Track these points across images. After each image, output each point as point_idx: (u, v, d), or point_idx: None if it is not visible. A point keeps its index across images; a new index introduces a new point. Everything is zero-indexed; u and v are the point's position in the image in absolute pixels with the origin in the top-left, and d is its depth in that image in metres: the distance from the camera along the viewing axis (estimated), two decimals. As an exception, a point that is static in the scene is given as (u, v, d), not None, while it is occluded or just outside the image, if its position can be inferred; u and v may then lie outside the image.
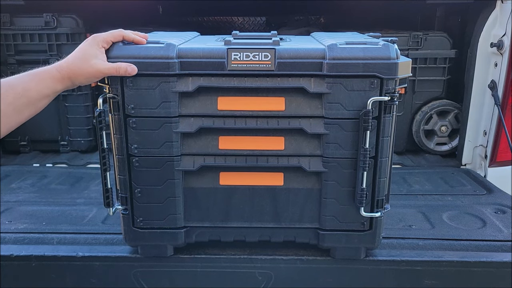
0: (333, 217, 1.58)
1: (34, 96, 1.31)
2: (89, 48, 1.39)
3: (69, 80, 1.36)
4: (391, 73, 1.43)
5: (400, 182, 2.38)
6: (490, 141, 2.47)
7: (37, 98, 1.31)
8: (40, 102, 1.33)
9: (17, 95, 1.27)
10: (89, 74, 1.37)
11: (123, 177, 1.55)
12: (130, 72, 1.41)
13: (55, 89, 1.35)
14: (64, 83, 1.36)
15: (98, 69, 1.38)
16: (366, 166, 1.48)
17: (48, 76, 1.34)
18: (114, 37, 1.43)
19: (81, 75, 1.36)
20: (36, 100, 1.31)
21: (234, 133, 1.52)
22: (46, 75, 1.34)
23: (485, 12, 2.44)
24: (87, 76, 1.37)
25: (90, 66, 1.36)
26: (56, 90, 1.35)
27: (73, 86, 1.39)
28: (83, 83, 1.40)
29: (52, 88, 1.34)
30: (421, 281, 1.66)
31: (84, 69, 1.36)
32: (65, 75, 1.35)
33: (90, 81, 1.40)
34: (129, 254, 1.67)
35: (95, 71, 1.37)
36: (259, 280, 1.68)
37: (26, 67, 2.66)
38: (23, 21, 2.62)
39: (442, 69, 2.70)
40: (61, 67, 1.35)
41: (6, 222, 1.89)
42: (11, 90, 1.27)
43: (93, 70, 1.37)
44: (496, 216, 1.96)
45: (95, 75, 1.38)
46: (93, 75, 1.38)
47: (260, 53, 1.43)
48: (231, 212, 1.61)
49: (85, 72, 1.36)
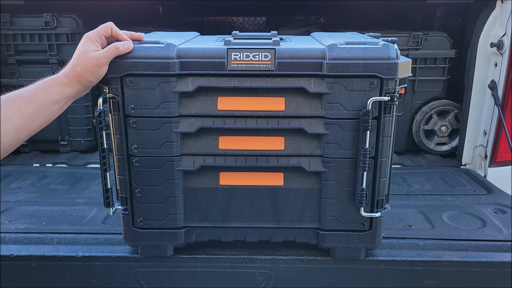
0: (333, 217, 1.58)
1: (43, 101, 1.31)
2: (85, 44, 1.40)
3: (77, 82, 1.36)
4: (391, 73, 1.43)
5: (400, 182, 2.38)
6: (490, 141, 2.47)
7: (47, 104, 1.31)
8: (51, 107, 1.33)
9: (25, 102, 1.28)
10: (93, 66, 1.37)
11: (123, 177, 1.55)
12: (128, 48, 1.42)
13: (64, 94, 1.35)
14: (73, 86, 1.36)
15: (98, 56, 1.38)
16: (366, 166, 1.48)
17: (55, 82, 1.34)
18: (105, 29, 1.44)
19: (86, 71, 1.37)
20: (46, 106, 1.31)
21: (234, 133, 1.52)
22: (53, 81, 1.35)
23: (485, 12, 2.44)
24: (91, 69, 1.37)
25: (90, 58, 1.37)
26: (66, 95, 1.35)
27: (84, 88, 1.39)
28: (91, 79, 1.39)
29: (60, 93, 1.34)
30: (421, 281, 1.65)
31: (86, 64, 1.37)
32: (72, 77, 1.36)
33: (96, 75, 1.39)
34: (129, 254, 1.67)
35: (96, 60, 1.38)
36: (259, 280, 1.68)
37: (26, 67, 2.70)
38: (23, 21, 2.62)
39: (442, 69, 2.70)
40: (65, 71, 1.37)
41: (6, 222, 1.89)
42: (18, 98, 1.28)
43: (95, 60, 1.37)
44: (496, 216, 1.96)
45: (97, 64, 1.38)
46: (96, 64, 1.38)
47: (260, 53, 1.42)
48: (231, 212, 1.61)
49: (88, 65, 1.37)
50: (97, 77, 1.40)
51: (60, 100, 1.35)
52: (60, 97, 1.34)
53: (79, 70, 1.36)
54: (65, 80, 1.35)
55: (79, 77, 1.36)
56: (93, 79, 1.40)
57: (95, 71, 1.39)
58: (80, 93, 1.40)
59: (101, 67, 1.39)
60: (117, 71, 1.43)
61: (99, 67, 1.39)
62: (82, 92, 1.40)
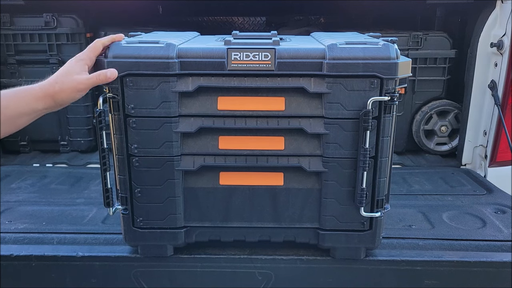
0: (333, 217, 1.58)
1: (11, 114, 1.31)
2: (72, 64, 1.40)
3: (51, 99, 1.35)
4: (391, 73, 1.43)
5: (400, 182, 2.38)
6: (490, 141, 2.47)
7: (14, 115, 1.31)
8: (18, 120, 1.33)
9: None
10: (71, 89, 1.36)
11: (123, 177, 1.55)
12: (110, 77, 1.41)
13: (34, 108, 1.34)
14: (45, 101, 1.35)
15: (80, 81, 1.37)
16: (366, 166, 1.48)
17: (29, 94, 1.34)
18: (94, 51, 1.44)
19: (63, 91, 1.36)
20: (13, 117, 1.31)
21: (234, 133, 1.52)
22: (27, 93, 1.34)
23: (485, 12, 2.44)
24: (68, 91, 1.36)
25: (72, 80, 1.37)
26: (36, 109, 1.34)
27: (55, 105, 1.37)
28: (65, 100, 1.38)
29: (31, 106, 1.33)
30: (421, 281, 1.66)
31: (66, 83, 1.36)
32: (47, 92, 1.34)
33: (73, 97, 1.38)
34: (129, 254, 1.67)
35: (77, 83, 1.37)
36: (259, 280, 1.68)
37: (26, 67, 2.70)
38: (23, 21, 2.62)
39: (442, 69, 2.70)
40: (44, 85, 1.36)
41: (6, 222, 1.89)
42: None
43: (76, 83, 1.37)
44: (496, 216, 1.96)
45: (76, 88, 1.37)
46: (75, 88, 1.37)
47: (260, 53, 1.43)
48: (231, 212, 1.60)
49: (67, 87, 1.36)
50: (73, 99, 1.39)
51: (29, 113, 1.34)
52: (29, 110, 1.34)
53: (57, 89, 1.35)
54: (40, 93, 1.34)
55: (55, 94, 1.35)
56: (67, 101, 1.38)
57: (72, 94, 1.38)
58: (51, 109, 1.38)
59: (79, 91, 1.38)
60: (117, 71, 1.43)
61: (76, 92, 1.38)
62: (53, 108, 1.38)
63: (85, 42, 2.70)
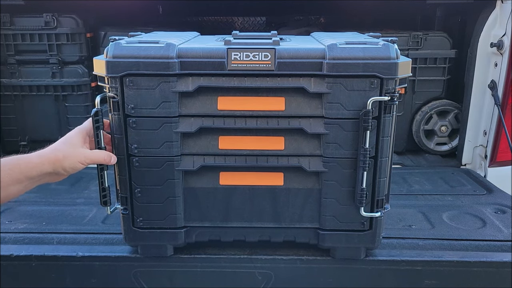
0: (333, 217, 1.58)
1: (5, 180, 1.24)
2: (77, 136, 1.42)
3: (51, 165, 1.32)
4: (391, 73, 1.43)
5: (400, 182, 2.38)
6: (490, 141, 2.47)
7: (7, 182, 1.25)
8: (11, 187, 1.27)
9: None
10: (77, 161, 1.36)
11: (123, 177, 1.55)
12: (109, 162, 1.47)
13: (28, 174, 1.29)
14: (42, 167, 1.31)
15: (86, 155, 1.39)
16: (366, 166, 1.48)
17: (24, 161, 1.29)
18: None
19: (68, 160, 1.35)
20: (6, 185, 1.25)
21: (234, 133, 1.52)
22: (22, 161, 1.29)
23: (485, 12, 2.44)
24: (74, 161, 1.36)
25: (79, 153, 1.38)
26: (30, 176, 1.29)
27: (53, 172, 1.33)
28: (67, 169, 1.35)
29: (25, 173, 1.28)
30: (421, 281, 1.66)
31: (71, 154, 1.36)
32: (47, 159, 1.32)
33: (75, 168, 1.37)
34: (129, 254, 1.67)
35: (83, 157, 1.38)
36: (259, 280, 1.68)
37: (26, 67, 2.70)
38: (23, 21, 2.62)
39: (442, 69, 2.70)
40: (42, 153, 1.33)
41: (6, 222, 1.89)
42: None
43: (82, 156, 1.38)
44: (496, 216, 1.96)
45: (82, 160, 1.37)
46: (80, 160, 1.37)
47: (260, 53, 1.43)
48: (231, 212, 1.60)
49: (73, 157, 1.36)
50: (74, 169, 1.38)
51: (22, 180, 1.28)
52: (23, 177, 1.28)
53: (60, 156, 1.33)
54: (36, 160, 1.30)
55: (58, 161, 1.33)
56: (69, 170, 1.36)
57: (75, 165, 1.37)
58: (44, 178, 1.34)
59: (82, 164, 1.38)
60: (117, 71, 1.43)
61: (80, 163, 1.38)
62: (48, 176, 1.34)
63: (85, 42, 2.71)
